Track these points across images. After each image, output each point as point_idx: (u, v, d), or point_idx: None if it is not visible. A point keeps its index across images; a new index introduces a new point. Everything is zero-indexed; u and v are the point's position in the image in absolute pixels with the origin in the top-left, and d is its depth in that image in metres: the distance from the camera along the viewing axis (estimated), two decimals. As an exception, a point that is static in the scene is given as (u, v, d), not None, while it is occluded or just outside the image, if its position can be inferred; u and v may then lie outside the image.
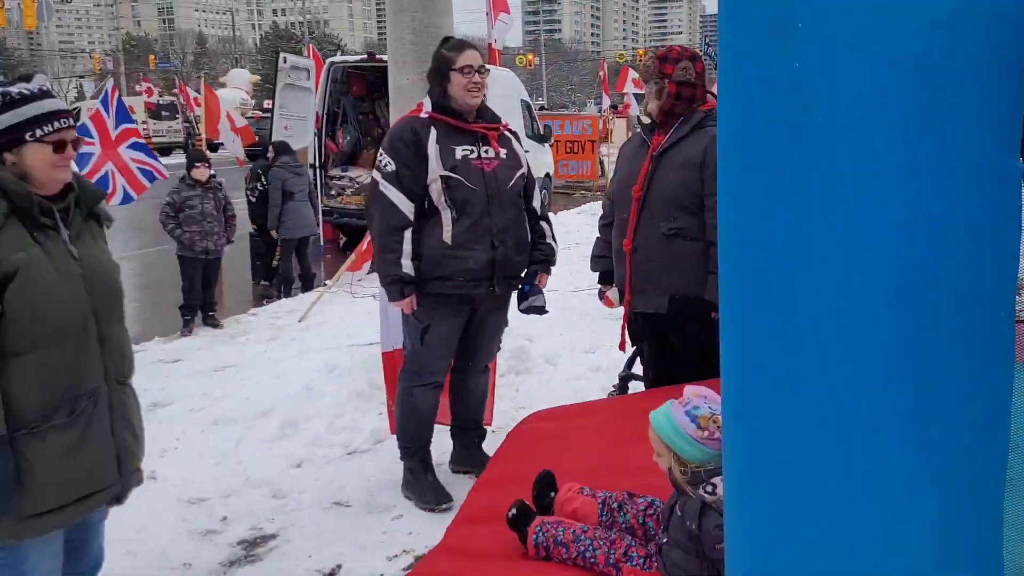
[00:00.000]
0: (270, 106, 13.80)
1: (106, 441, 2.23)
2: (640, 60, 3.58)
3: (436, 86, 3.46)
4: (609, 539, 2.28)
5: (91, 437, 2.18)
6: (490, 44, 15.74)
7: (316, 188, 11.46)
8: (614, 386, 4.37)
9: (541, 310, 3.65)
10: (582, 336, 5.93)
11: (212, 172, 7.62)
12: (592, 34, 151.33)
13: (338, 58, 12.56)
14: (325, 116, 11.81)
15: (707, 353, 3.37)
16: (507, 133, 3.57)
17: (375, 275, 9.15)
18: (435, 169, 3.34)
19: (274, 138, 11.23)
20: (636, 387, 4.29)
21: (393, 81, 4.62)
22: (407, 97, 4.56)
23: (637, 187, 3.32)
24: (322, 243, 11.85)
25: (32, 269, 2.09)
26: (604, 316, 5.91)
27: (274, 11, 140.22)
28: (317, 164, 11.54)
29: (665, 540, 2.18)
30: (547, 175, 15.05)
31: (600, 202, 4.71)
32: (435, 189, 3.36)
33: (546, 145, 15.17)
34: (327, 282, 8.61)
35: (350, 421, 4.53)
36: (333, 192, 11.90)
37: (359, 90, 12.72)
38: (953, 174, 1.03)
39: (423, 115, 3.44)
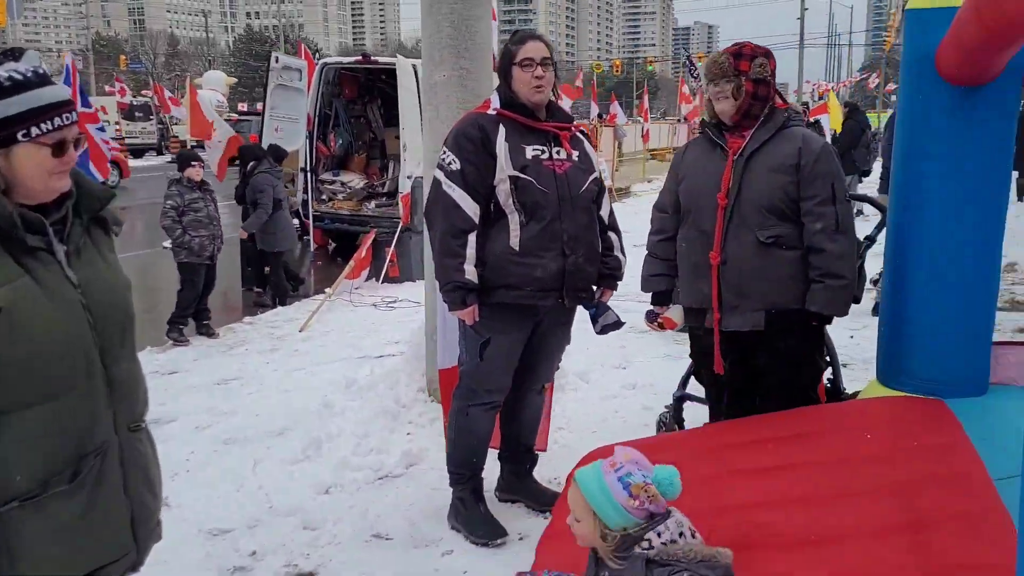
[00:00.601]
0: (245, 109, 13.46)
1: (118, 503, 1.81)
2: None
3: (502, 82, 3.19)
4: None
5: (100, 501, 1.76)
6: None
7: (308, 192, 11.19)
8: (667, 407, 4.10)
9: (618, 325, 3.36)
10: (610, 351, 5.65)
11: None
12: (567, 44, 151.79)
13: (331, 59, 12.18)
14: (317, 118, 11.44)
15: (799, 370, 3.14)
16: (579, 134, 3.28)
17: (374, 283, 9.12)
18: (504, 168, 3.04)
19: (264, 140, 10.88)
20: (691, 408, 4.04)
21: (428, 77, 4.32)
22: (442, 95, 4.27)
23: (722, 194, 3.06)
24: (312, 249, 11.49)
25: (19, 309, 1.63)
26: (629, 330, 5.65)
27: (247, 14, 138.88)
28: (308, 168, 11.17)
29: None
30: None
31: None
32: (503, 190, 3.05)
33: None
34: (326, 290, 8.26)
35: (378, 442, 4.20)
36: (324, 197, 11.52)
37: (351, 93, 12.37)
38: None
39: (491, 111, 3.15)
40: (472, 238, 3.06)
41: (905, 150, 3.03)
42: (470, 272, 3.05)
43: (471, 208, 3.06)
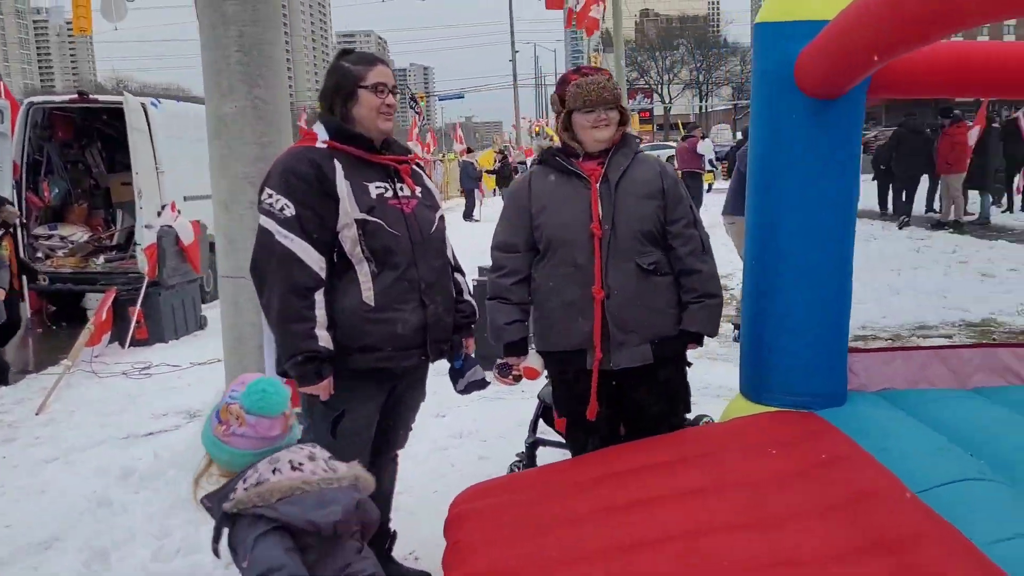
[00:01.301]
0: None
1: None
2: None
3: (337, 108, 2.74)
4: None
5: None
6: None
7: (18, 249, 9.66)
8: (518, 455, 3.82)
9: (483, 384, 3.03)
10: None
11: None
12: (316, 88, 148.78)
13: (38, 98, 10.68)
14: (25, 165, 9.96)
15: (675, 400, 3.02)
16: (416, 167, 2.93)
17: (117, 348, 7.98)
18: (349, 212, 2.61)
19: (-39, 192, 9.27)
20: (545, 453, 3.80)
21: (215, 109, 3.73)
22: (235, 129, 3.72)
23: (595, 224, 2.86)
24: (27, 316, 9.91)
25: None
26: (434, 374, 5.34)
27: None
28: (18, 222, 9.65)
29: None
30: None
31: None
32: (348, 236, 2.62)
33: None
34: (63, 361, 7.06)
35: (185, 541, 3.49)
36: (40, 255, 10.02)
37: (66, 135, 10.95)
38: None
39: (320, 144, 2.69)
40: (320, 296, 2.59)
41: (761, 164, 3.03)
42: (324, 338, 2.57)
43: (315, 260, 2.58)
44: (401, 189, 2.76)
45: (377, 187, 2.69)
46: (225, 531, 1.88)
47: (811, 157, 2.87)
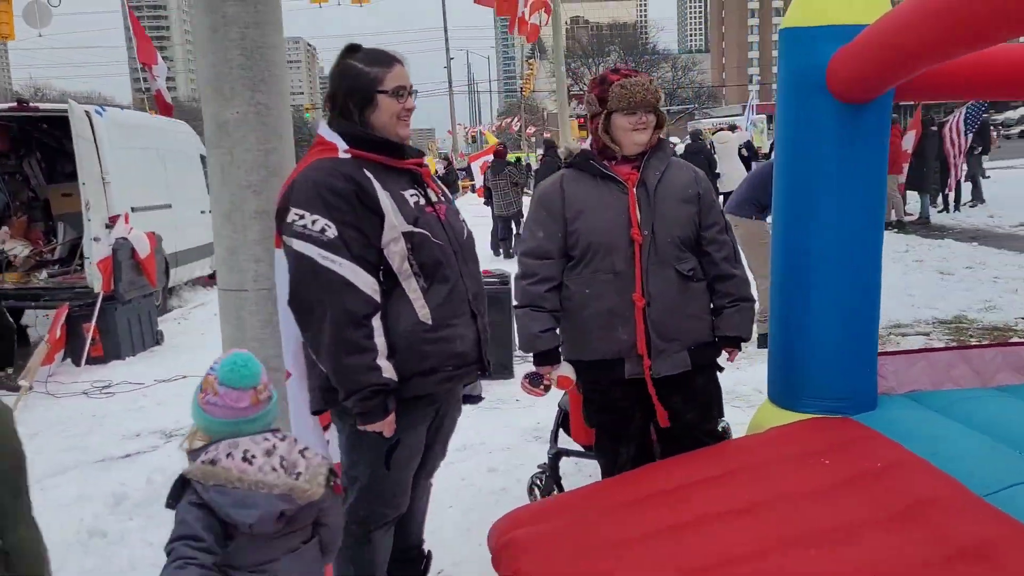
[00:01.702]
0: None
1: None
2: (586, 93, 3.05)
3: (352, 113, 2.53)
4: None
5: None
6: (158, 92, 14.13)
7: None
8: (540, 467, 3.73)
9: (479, 398, 2.93)
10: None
11: None
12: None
13: (-26, 106, 10.19)
14: (-40, 177, 9.49)
15: (711, 408, 2.98)
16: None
17: (69, 366, 7.61)
18: (396, 225, 2.42)
19: None
20: (568, 464, 3.73)
21: (216, 115, 3.55)
22: (237, 135, 3.53)
23: (635, 230, 2.80)
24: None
25: None
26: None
27: None
28: (-46, 236, 9.18)
29: None
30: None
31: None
32: (396, 252, 2.43)
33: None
34: (20, 382, 6.69)
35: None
36: (-23, 270, 9.53)
37: (3, 145, 10.48)
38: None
39: (343, 154, 2.47)
40: (378, 322, 2.38)
41: (788, 168, 3.02)
42: (388, 368, 2.36)
43: (368, 283, 2.37)
44: (429, 194, 2.64)
45: (411, 195, 2.54)
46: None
47: (841, 161, 2.86)
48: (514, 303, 3.06)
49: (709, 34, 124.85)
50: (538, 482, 3.70)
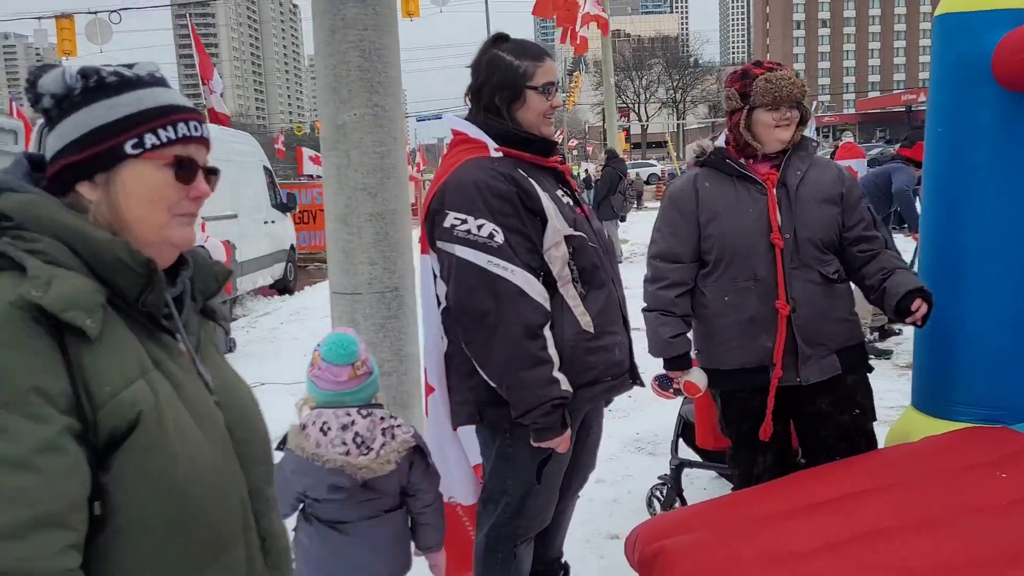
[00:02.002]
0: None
1: None
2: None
3: (501, 108, 2.35)
4: None
5: None
6: (211, 108, 14.32)
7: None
8: (661, 478, 3.61)
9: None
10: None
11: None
12: (258, 108, 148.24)
13: (51, 117, 10.39)
14: (36, 187, 9.67)
15: (864, 411, 2.86)
16: None
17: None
18: (559, 228, 2.28)
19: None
20: (690, 473, 3.62)
21: (333, 118, 3.54)
22: (354, 138, 3.51)
23: (775, 234, 2.67)
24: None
25: (163, 417, 1.07)
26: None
27: None
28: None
29: None
30: (291, 247, 13.91)
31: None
32: (558, 257, 2.28)
33: (288, 215, 13.97)
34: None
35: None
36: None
37: (76, 156, 10.66)
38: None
39: (494, 153, 2.32)
40: (549, 332, 2.24)
41: (944, 161, 2.88)
42: (564, 380, 2.22)
43: (539, 292, 2.23)
44: (574, 195, 2.55)
45: (564, 196, 2.42)
46: None
47: (1005, 152, 2.72)
48: (642, 306, 2.96)
49: (752, 45, 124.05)
50: (658, 494, 3.58)
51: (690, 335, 2.93)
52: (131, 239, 1.12)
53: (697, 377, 2.88)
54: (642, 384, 2.57)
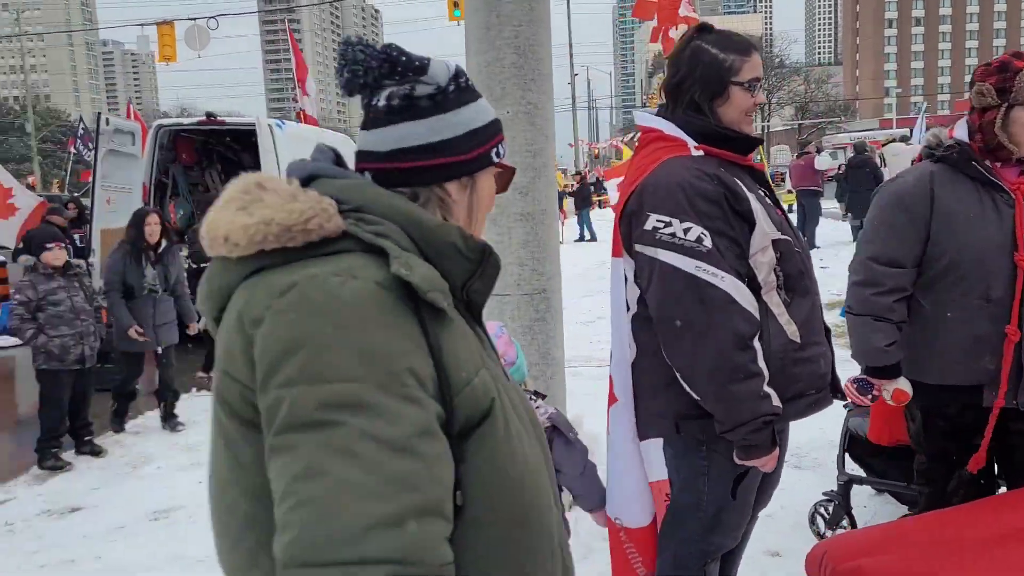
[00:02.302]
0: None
1: None
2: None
3: (702, 103, 2.20)
4: None
5: None
6: (302, 111, 14.57)
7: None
8: (826, 495, 3.45)
9: None
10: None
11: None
12: (339, 111, 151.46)
13: (167, 121, 10.79)
14: (153, 187, 10.00)
15: None
16: None
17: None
18: (767, 232, 2.13)
19: (96, 213, 9.32)
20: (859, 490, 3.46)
21: (487, 116, 3.52)
22: (508, 135, 3.47)
23: (1021, 253, 2.44)
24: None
25: (505, 408, 1.09)
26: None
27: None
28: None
29: None
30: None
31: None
32: (764, 262, 2.13)
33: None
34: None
35: None
36: (170, 277, 10.02)
37: (189, 158, 11.03)
38: None
39: (695, 151, 2.18)
40: (758, 344, 2.09)
41: None
42: (775, 395, 2.08)
43: (749, 301, 2.07)
44: (772, 195, 2.41)
45: (765, 198, 2.28)
46: None
47: None
48: (848, 306, 2.78)
49: (840, 44, 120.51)
50: (822, 511, 3.42)
51: None
52: None
53: (906, 384, 2.70)
54: (843, 397, 2.43)
